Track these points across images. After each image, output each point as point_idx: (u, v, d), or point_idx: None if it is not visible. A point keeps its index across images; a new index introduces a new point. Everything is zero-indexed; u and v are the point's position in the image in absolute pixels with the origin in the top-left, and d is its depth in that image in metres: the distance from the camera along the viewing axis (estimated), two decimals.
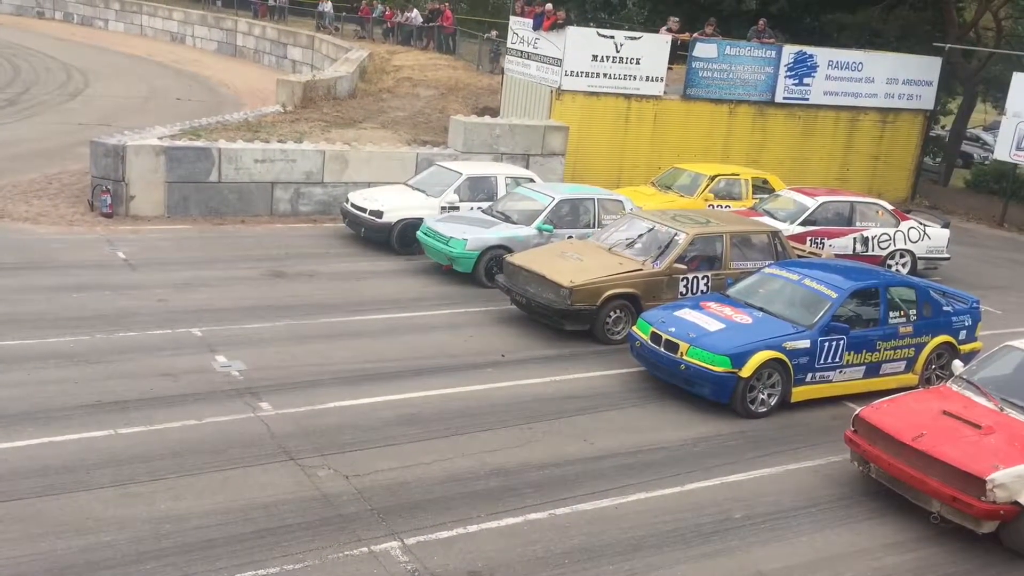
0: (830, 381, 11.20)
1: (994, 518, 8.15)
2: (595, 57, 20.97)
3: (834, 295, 11.16)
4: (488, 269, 14.45)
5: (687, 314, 11.34)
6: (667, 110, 22.14)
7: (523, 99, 22.44)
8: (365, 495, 8.25)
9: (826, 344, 10.95)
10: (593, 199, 15.67)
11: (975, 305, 12.48)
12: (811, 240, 16.04)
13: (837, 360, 11.10)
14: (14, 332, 11.02)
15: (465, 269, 14.53)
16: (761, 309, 11.33)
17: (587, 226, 15.19)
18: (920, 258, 17.09)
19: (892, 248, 16.90)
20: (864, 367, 11.37)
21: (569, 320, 12.44)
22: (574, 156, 20.53)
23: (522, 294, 12.83)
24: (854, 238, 16.66)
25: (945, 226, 17.62)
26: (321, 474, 8.54)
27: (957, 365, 9.97)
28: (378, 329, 12.39)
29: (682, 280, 12.90)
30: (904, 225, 17.11)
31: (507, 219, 15.15)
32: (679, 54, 22.71)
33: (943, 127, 33.56)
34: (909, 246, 17.02)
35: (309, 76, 26.67)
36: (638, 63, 21.40)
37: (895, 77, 24.72)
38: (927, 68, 25.25)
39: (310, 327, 12.18)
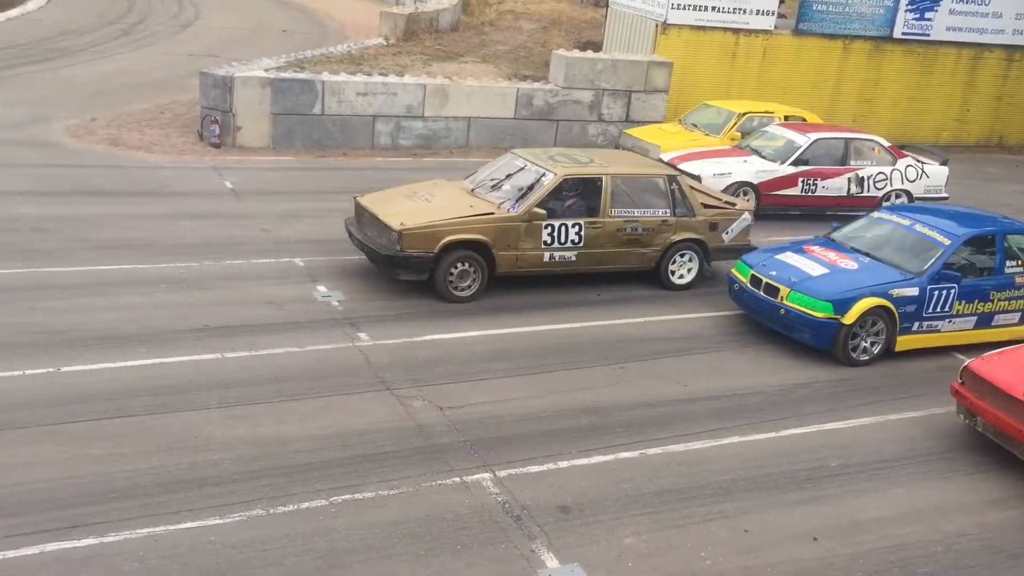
0: (938, 331, 10.81)
1: None
2: None
3: (947, 242, 10.72)
4: None
5: (789, 257, 11.07)
6: (777, 46, 21.36)
7: (627, 33, 21.95)
8: (458, 427, 8.39)
9: (936, 293, 10.55)
10: None
11: None
12: (803, 181, 15.29)
13: (947, 309, 10.70)
14: (128, 257, 11.49)
15: None
16: (867, 254, 10.97)
17: None
18: (918, 198, 15.96)
19: (889, 188, 15.86)
20: (976, 317, 10.94)
21: (401, 268, 10.86)
22: (677, 93, 20.05)
23: (360, 239, 11.36)
24: (848, 178, 15.64)
25: (943, 163, 16.49)
26: (416, 405, 8.71)
27: None
28: None
29: (546, 227, 11.31)
30: (901, 163, 16.03)
31: None
32: None
33: None
34: (907, 185, 15.96)
35: (412, 8, 26.61)
36: None
37: None
38: None
39: None
